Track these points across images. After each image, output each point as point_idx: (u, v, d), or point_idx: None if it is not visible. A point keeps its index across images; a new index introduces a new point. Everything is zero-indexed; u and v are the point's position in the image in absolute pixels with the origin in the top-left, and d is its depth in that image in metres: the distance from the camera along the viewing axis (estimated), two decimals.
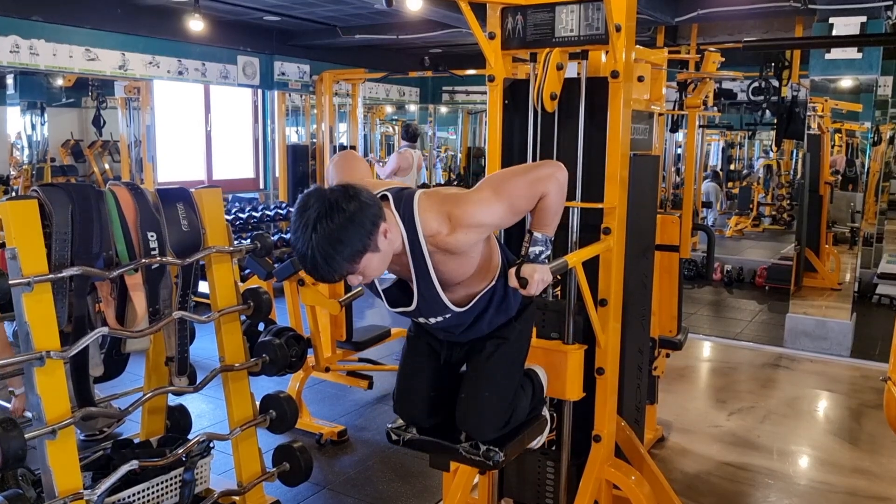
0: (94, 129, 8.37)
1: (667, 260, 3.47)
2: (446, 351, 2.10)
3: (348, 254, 1.60)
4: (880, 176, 8.50)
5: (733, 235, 10.53)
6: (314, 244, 1.58)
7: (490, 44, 2.42)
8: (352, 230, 1.59)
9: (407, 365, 2.15)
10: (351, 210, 1.59)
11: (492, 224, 1.80)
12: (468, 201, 1.75)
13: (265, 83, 8.12)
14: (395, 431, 2.16)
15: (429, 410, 2.10)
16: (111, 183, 2.47)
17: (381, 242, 1.65)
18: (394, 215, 1.73)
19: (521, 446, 2.15)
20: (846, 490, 3.28)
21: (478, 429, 2.01)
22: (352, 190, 1.63)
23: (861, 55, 5.24)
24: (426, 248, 1.74)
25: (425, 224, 1.73)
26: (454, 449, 2.05)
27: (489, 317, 1.96)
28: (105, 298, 2.44)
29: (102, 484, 2.25)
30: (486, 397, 1.99)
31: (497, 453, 1.99)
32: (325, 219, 1.58)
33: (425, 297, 1.83)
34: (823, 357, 5.26)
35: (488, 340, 2.02)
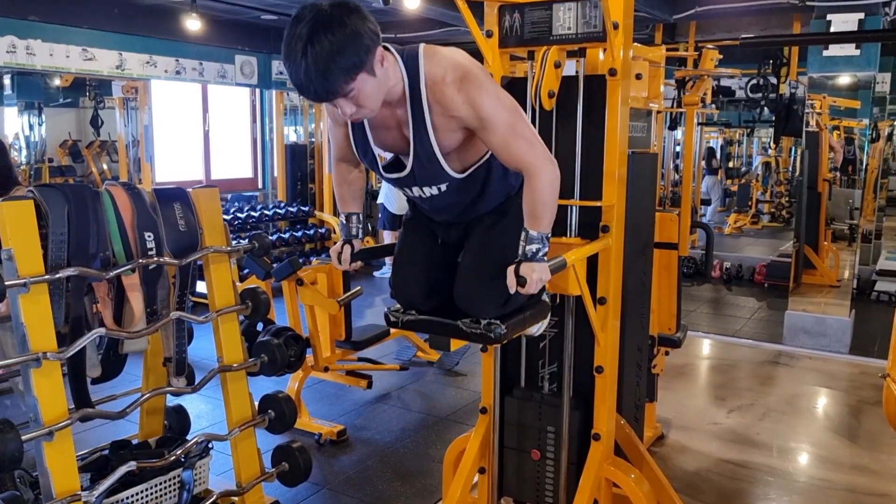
0: (91, 130, 8.37)
1: (666, 258, 3.47)
2: (443, 231, 2.07)
3: (347, 65, 1.55)
4: (879, 173, 8.50)
5: (732, 233, 10.54)
6: (310, 56, 1.53)
7: (487, 42, 2.42)
8: (351, 42, 1.54)
9: (404, 247, 2.12)
10: (351, 21, 1.54)
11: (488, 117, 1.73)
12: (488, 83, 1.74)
13: (263, 82, 8.11)
14: (394, 314, 2.12)
15: (427, 292, 2.06)
16: (108, 183, 2.46)
17: (378, 68, 1.61)
18: (394, 56, 1.71)
19: (523, 325, 2.09)
20: (845, 487, 3.27)
21: (477, 304, 1.96)
22: (352, 4, 1.57)
23: (859, 52, 5.24)
24: (426, 96, 1.70)
25: (430, 68, 1.69)
26: (454, 325, 2.01)
27: (489, 194, 1.93)
28: (102, 299, 2.43)
29: (100, 485, 2.24)
30: (485, 271, 1.95)
31: (498, 326, 1.95)
32: (323, 29, 1.52)
33: (421, 158, 1.78)
34: (822, 354, 5.26)
35: (486, 216, 1.99)
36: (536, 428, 2.58)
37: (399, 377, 4.66)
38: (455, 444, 2.73)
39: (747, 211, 11.23)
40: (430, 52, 1.74)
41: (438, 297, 2.07)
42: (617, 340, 2.48)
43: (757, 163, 12.19)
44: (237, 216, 7.07)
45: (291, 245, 7.42)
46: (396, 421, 3.99)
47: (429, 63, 1.72)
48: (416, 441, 3.73)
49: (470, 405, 4.17)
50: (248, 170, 8.58)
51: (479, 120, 1.74)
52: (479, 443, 2.59)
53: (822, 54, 5.35)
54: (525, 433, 2.60)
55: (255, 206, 7.65)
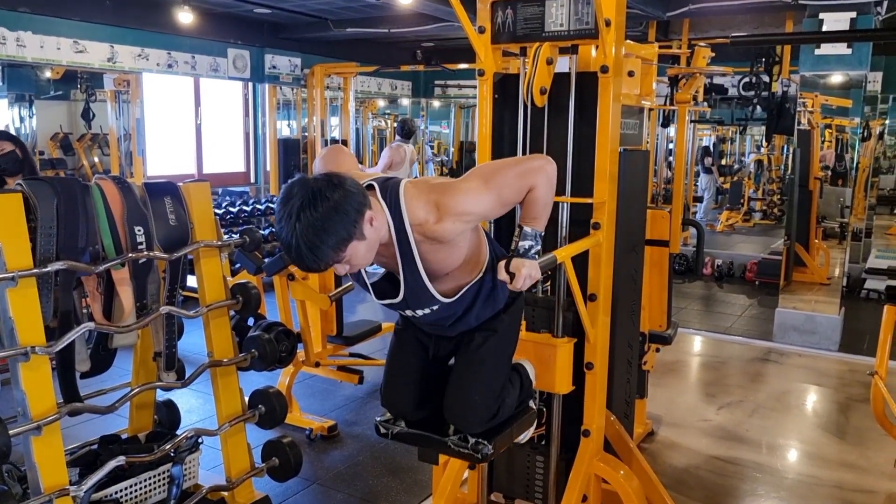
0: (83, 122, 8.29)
1: (657, 255, 3.48)
2: (434, 345, 2.10)
3: (333, 243, 1.59)
4: (869, 171, 8.54)
5: (724, 230, 10.57)
6: (298, 234, 1.57)
7: (480, 38, 2.41)
8: (336, 219, 1.58)
9: (395, 358, 2.15)
10: (335, 199, 1.58)
11: (479, 214, 1.79)
12: (456, 190, 1.75)
13: (256, 76, 8.07)
14: (384, 425, 2.16)
15: (417, 404, 2.10)
16: (97, 177, 2.45)
17: (367, 230, 1.64)
18: (380, 204, 1.72)
19: (510, 439, 2.16)
20: (833, 483, 3.30)
21: (465, 421, 2.01)
22: (336, 178, 1.62)
23: (851, 51, 5.26)
24: (413, 237, 1.73)
25: (412, 212, 1.72)
26: (443, 442, 2.05)
27: (477, 310, 1.96)
28: (91, 293, 2.42)
29: (89, 480, 2.24)
30: (474, 389, 1.99)
31: (486, 446, 1.99)
32: (309, 208, 1.56)
33: (412, 287, 1.82)
34: (812, 351, 5.29)
35: (476, 332, 2.02)
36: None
37: None
38: None
39: (739, 208, 11.26)
40: (410, 196, 1.74)
41: (428, 407, 2.11)
42: (607, 337, 2.48)
43: (749, 161, 12.22)
44: (229, 210, 7.05)
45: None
46: None
47: (409, 205, 1.73)
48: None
49: None
50: (241, 164, 8.55)
51: (474, 217, 1.78)
52: None
53: (815, 53, 5.37)
54: None
55: (248, 200, 7.62)
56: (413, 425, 2.13)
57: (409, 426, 2.13)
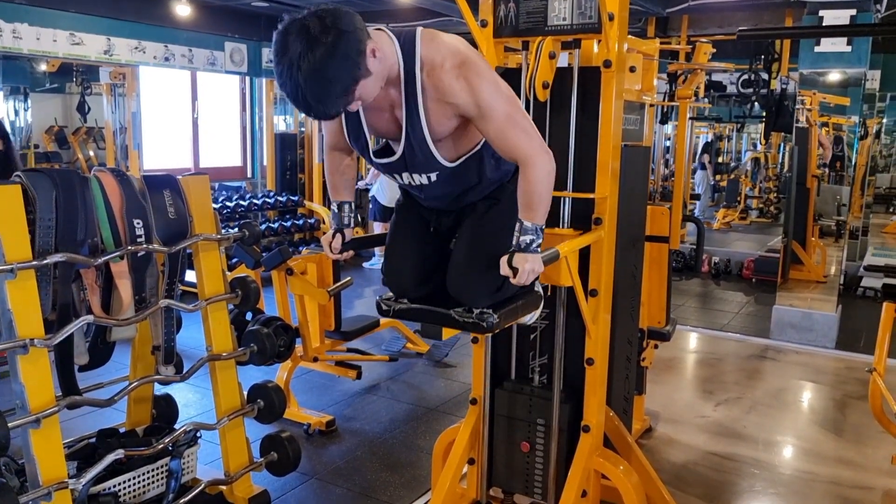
0: (78, 116, 8.26)
1: (656, 251, 3.48)
2: (435, 219, 2.06)
3: (340, 90, 1.55)
4: (866, 170, 8.56)
5: (721, 228, 10.59)
6: (303, 87, 1.52)
7: (482, 32, 2.40)
8: (338, 64, 1.52)
9: (396, 235, 2.11)
10: (331, 42, 1.51)
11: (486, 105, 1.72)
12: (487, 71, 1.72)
13: (253, 70, 8.05)
14: (386, 302, 2.11)
15: (419, 280, 2.05)
16: (96, 169, 2.43)
17: (372, 64, 1.59)
18: (389, 37, 1.69)
19: (515, 315, 2.09)
20: (830, 480, 3.31)
21: (469, 292, 1.95)
22: (329, 18, 1.53)
23: (850, 48, 5.26)
24: (421, 79, 1.69)
25: (427, 53, 1.68)
26: (447, 314, 2.00)
27: (481, 184, 1.93)
28: (90, 286, 2.41)
29: (87, 473, 2.23)
30: (477, 260, 1.94)
31: (490, 315, 1.94)
32: (308, 56, 1.49)
33: (412, 143, 1.77)
34: (809, 348, 5.30)
35: (479, 202, 1.99)
36: (526, 420, 2.58)
37: (388, 368, 4.65)
38: (444, 435, 2.73)
39: (736, 206, 11.28)
40: (429, 37, 1.72)
41: (431, 284, 2.06)
42: (608, 333, 2.48)
43: (746, 158, 12.25)
44: (226, 205, 7.02)
45: (281, 235, 7.39)
46: (385, 412, 3.99)
47: (426, 47, 1.70)
48: (405, 432, 3.73)
49: (459, 396, 4.17)
50: (238, 158, 8.53)
51: (477, 108, 1.73)
52: (469, 434, 2.59)
53: (814, 50, 5.37)
54: (515, 425, 2.61)
55: (244, 195, 7.60)
56: (416, 302, 2.07)
57: (411, 303, 2.08)
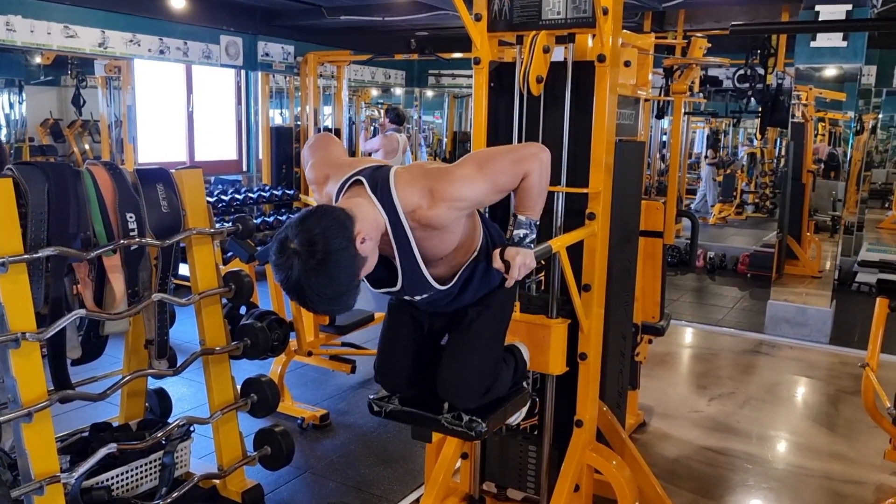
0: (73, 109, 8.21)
1: (651, 246, 3.48)
2: (428, 321, 2.09)
3: (345, 291, 1.60)
4: (862, 165, 8.57)
5: (717, 223, 10.60)
6: (315, 306, 1.60)
7: (476, 26, 2.39)
8: (337, 281, 1.57)
9: (389, 334, 2.13)
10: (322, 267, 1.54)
11: (473, 200, 1.77)
12: (451, 176, 1.74)
13: (248, 64, 8.01)
14: (378, 403, 2.14)
15: (411, 380, 2.09)
16: (89, 162, 2.43)
17: (364, 250, 1.63)
18: (371, 200, 1.71)
19: (504, 418, 2.14)
20: (823, 474, 3.32)
21: (458, 396, 2.00)
22: (317, 243, 1.54)
23: (846, 44, 5.26)
24: (407, 225, 1.72)
25: (405, 200, 1.71)
26: (436, 420, 2.03)
27: (472, 289, 1.95)
28: (83, 280, 2.40)
29: (80, 467, 2.23)
30: (467, 363, 1.98)
31: (479, 423, 1.97)
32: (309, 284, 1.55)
33: (409, 275, 1.81)
34: (803, 344, 5.32)
35: (470, 308, 2.01)
36: None
37: None
38: None
39: (732, 201, 11.29)
40: (402, 183, 1.72)
41: (423, 383, 2.09)
42: (601, 328, 2.48)
43: (742, 153, 12.25)
44: (221, 199, 6.98)
45: (275, 229, 7.34)
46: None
47: (402, 193, 1.71)
48: (399, 426, 3.71)
49: None
50: (233, 152, 8.50)
51: (469, 203, 1.77)
52: None
53: (810, 45, 5.37)
54: None
55: (240, 189, 7.56)
56: (407, 402, 2.11)
57: (402, 403, 2.11)
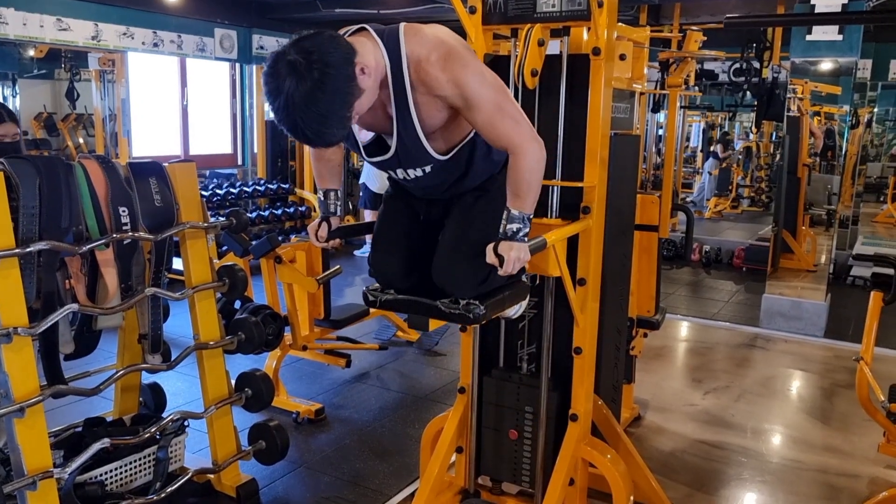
0: (67, 102, 8.18)
1: (646, 240, 3.48)
2: (425, 209, 2.06)
3: (336, 120, 1.56)
4: (857, 159, 8.58)
5: (712, 217, 10.62)
6: (301, 125, 1.54)
7: (471, 18, 2.38)
8: (329, 98, 1.53)
9: (384, 224, 2.10)
10: (319, 78, 1.51)
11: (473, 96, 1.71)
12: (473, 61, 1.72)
13: (243, 57, 7.98)
14: (372, 293, 2.10)
15: (406, 270, 2.05)
16: (81, 156, 2.41)
17: (362, 81, 1.60)
18: (375, 41, 1.68)
19: (502, 306, 2.07)
20: (817, 468, 3.33)
21: (455, 282, 1.94)
22: (315, 52, 1.52)
23: (841, 37, 5.26)
24: (408, 78, 1.69)
25: (412, 48, 1.68)
26: (433, 305, 1.98)
27: (473, 172, 1.92)
28: (75, 274, 2.39)
29: (74, 462, 2.22)
30: (464, 250, 1.93)
31: (477, 307, 1.92)
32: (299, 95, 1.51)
33: (405, 140, 1.77)
34: (798, 337, 5.33)
35: (468, 193, 1.98)
36: (514, 408, 2.58)
37: (378, 356, 4.65)
38: (433, 424, 2.73)
39: (727, 195, 11.31)
40: (412, 31, 1.70)
41: (418, 274, 2.04)
42: (596, 322, 2.48)
43: (738, 147, 12.26)
44: (216, 193, 6.98)
45: (271, 223, 7.36)
46: (375, 400, 3.99)
47: (410, 42, 1.68)
48: (394, 420, 3.73)
49: (448, 385, 4.18)
50: (228, 146, 8.48)
51: (464, 99, 1.72)
52: (458, 422, 2.59)
53: (806, 39, 5.36)
54: (503, 413, 2.61)
55: (235, 182, 7.56)
56: (402, 293, 2.06)
57: (398, 294, 2.07)
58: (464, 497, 2.71)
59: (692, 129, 12.93)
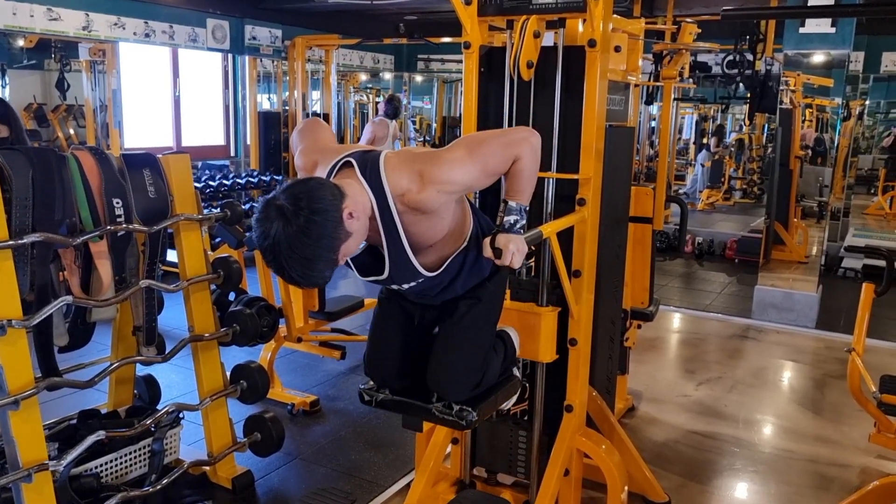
0: (57, 93, 8.11)
1: (640, 232, 3.48)
2: (419, 313, 2.08)
3: (322, 265, 1.59)
4: (849, 151, 8.62)
5: (705, 209, 10.64)
6: (287, 269, 1.57)
7: (466, 10, 2.37)
8: (314, 244, 1.55)
9: (379, 326, 2.13)
10: (305, 225, 1.53)
11: (463, 183, 1.76)
12: (441, 159, 1.73)
13: (235, 48, 7.93)
14: (368, 393, 2.14)
15: (400, 372, 2.09)
16: (74, 147, 2.40)
17: (351, 225, 1.62)
18: (360, 181, 1.69)
19: (494, 406, 2.14)
20: (808, 457, 3.36)
21: (449, 389, 2.00)
22: (303, 199, 1.55)
23: (834, 30, 5.27)
24: (395, 209, 1.71)
25: (394, 183, 1.69)
26: (427, 409, 2.04)
27: (462, 279, 1.95)
28: (69, 266, 2.38)
29: (69, 454, 2.22)
30: (457, 358, 1.98)
31: (470, 413, 1.97)
32: (285, 240, 1.53)
33: (397, 263, 1.80)
34: (790, 328, 5.37)
35: (461, 300, 2.01)
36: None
37: None
38: None
39: (720, 187, 11.34)
40: (391, 166, 1.71)
41: (412, 376, 2.08)
42: (591, 313, 2.49)
43: (731, 139, 12.28)
44: (209, 184, 6.94)
45: None
46: None
47: (391, 178, 1.69)
48: (388, 412, 3.73)
49: None
50: (220, 137, 8.43)
51: (461, 187, 1.75)
52: None
53: (799, 31, 5.37)
54: None
55: (227, 174, 7.52)
56: (397, 394, 2.11)
57: (393, 393, 2.11)
58: (459, 488, 2.72)
59: (685, 121, 12.93)
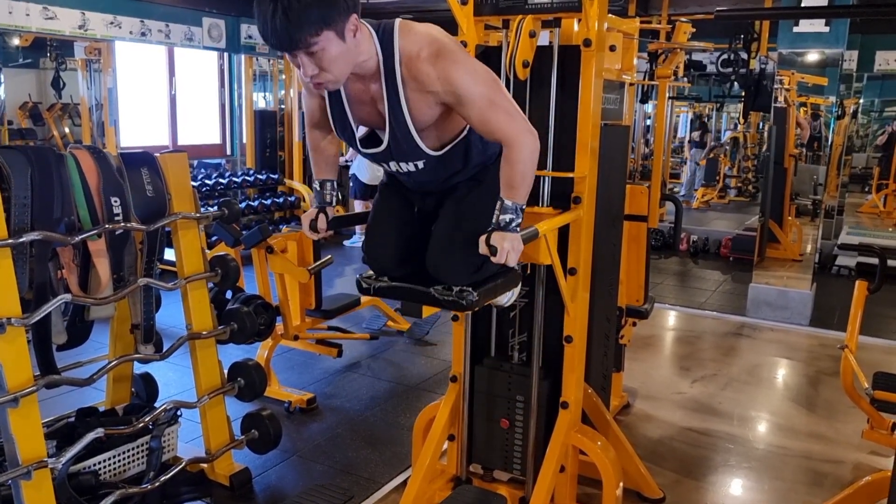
0: (53, 92, 8.11)
1: (635, 230, 3.50)
2: (419, 199, 2.07)
3: (315, 17, 1.53)
4: (843, 149, 8.65)
5: (699, 207, 10.68)
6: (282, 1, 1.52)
7: (462, 9, 2.39)
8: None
9: (378, 213, 2.11)
10: None
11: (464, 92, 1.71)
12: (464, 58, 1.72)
13: (231, 46, 7.93)
14: (366, 280, 2.11)
15: (400, 259, 2.06)
16: (72, 146, 2.40)
17: (349, 36, 1.60)
18: (369, 30, 1.69)
19: (494, 293, 2.10)
20: (802, 454, 3.38)
21: (449, 272, 1.96)
22: None
23: (828, 29, 5.30)
24: (400, 72, 1.69)
25: (405, 44, 1.68)
26: (427, 292, 2.00)
27: (468, 168, 1.94)
28: (67, 265, 2.39)
29: (67, 452, 2.23)
30: (457, 240, 1.95)
31: (470, 293, 1.94)
32: None
33: (397, 134, 1.78)
34: (784, 326, 5.40)
35: (462, 184, 2.00)
36: (505, 396, 2.61)
37: (369, 346, 4.67)
38: (425, 412, 2.76)
39: (715, 185, 11.38)
40: (406, 28, 1.72)
41: (411, 263, 2.06)
42: (586, 311, 2.51)
43: (725, 138, 12.33)
44: (205, 183, 6.95)
45: (261, 213, 7.34)
46: (366, 389, 4.01)
47: (404, 38, 1.69)
48: (385, 409, 3.75)
49: (440, 374, 4.20)
50: (216, 136, 8.43)
51: (455, 95, 1.73)
52: (449, 411, 2.62)
53: (793, 30, 5.40)
54: (494, 402, 2.63)
55: (224, 173, 7.52)
56: (396, 281, 2.08)
57: (392, 282, 2.09)
58: (456, 484, 2.74)
59: (679, 120, 12.98)
